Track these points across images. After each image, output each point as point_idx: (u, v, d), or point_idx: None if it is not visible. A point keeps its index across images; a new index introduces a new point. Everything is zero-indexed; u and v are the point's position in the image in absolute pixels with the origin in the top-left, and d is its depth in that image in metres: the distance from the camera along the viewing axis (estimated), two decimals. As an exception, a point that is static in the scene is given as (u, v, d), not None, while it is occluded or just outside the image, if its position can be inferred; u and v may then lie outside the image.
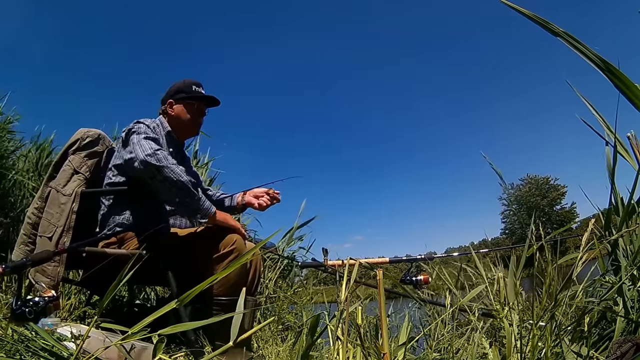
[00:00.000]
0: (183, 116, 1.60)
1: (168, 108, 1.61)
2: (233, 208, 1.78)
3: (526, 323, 0.92)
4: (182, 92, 1.60)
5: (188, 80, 1.62)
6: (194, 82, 1.62)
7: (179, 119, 1.60)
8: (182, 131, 1.64)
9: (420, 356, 1.17)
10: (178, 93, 1.60)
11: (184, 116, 1.60)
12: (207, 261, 1.34)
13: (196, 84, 1.62)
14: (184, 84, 1.61)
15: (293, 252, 3.43)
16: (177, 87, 1.61)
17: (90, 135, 1.56)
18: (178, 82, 1.63)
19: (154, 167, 1.26)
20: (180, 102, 1.60)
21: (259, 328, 1.59)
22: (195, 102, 1.61)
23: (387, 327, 0.71)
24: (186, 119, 1.60)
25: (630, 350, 0.74)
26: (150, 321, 0.69)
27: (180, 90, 1.60)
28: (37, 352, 0.82)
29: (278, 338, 1.83)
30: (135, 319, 0.72)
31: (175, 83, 1.64)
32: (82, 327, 1.21)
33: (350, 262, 0.84)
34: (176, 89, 1.61)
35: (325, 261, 2.00)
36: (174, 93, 1.60)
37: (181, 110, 1.59)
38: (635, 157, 1.07)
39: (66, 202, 1.42)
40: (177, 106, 1.60)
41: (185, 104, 1.60)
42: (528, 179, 31.95)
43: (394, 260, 2.04)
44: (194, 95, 1.60)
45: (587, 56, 0.82)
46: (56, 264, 1.38)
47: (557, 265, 0.89)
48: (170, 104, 1.60)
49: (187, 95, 1.59)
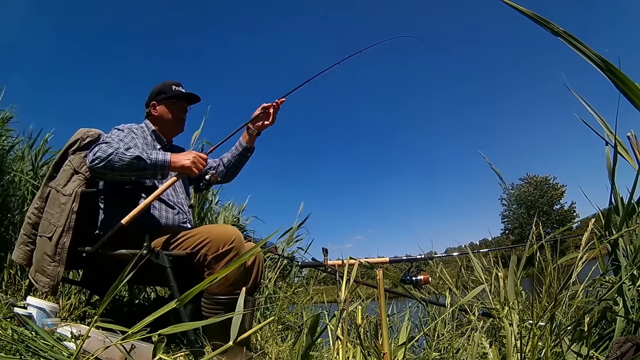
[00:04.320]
0: (166, 116, 1.68)
1: (152, 110, 1.69)
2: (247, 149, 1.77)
3: (526, 323, 0.92)
4: (163, 92, 1.68)
5: (168, 81, 1.70)
6: (173, 82, 1.70)
7: (162, 119, 1.68)
8: (167, 130, 1.72)
9: (420, 356, 1.17)
10: (159, 95, 1.68)
11: (166, 115, 1.68)
12: (205, 259, 1.34)
13: (175, 84, 1.70)
14: (164, 85, 1.69)
15: (292, 252, 3.44)
16: (158, 88, 1.69)
17: (90, 135, 1.56)
18: (159, 85, 1.71)
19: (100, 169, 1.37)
20: (162, 103, 1.68)
21: (258, 328, 1.59)
22: (176, 100, 1.69)
23: (387, 326, 0.71)
24: (169, 118, 1.68)
25: (630, 350, 0.74)
26: (150, 321, 0.69)
27: (161, 92, 1.68)
28: (37, 352, 0.82)
29: (278, 338, 1.83)
30: (135, 318, 0.72)
31: (156, 85, 1.72)
32: (82, 327, 1.21)
33: (350, 261, 0.84)
34: (157, 91, 1.69)
35: (325, 261, 2.00)
36: (155, 95, 1.69)
37: (163, 110, 1.68)
38: (635, 157, 1.07)
39: (66, 202, 1.42)
40: (160, 107, 1.68)
41: (167, 103, 1.68)
42: (528, 179, 31.96)
43: (394, 260, 2.04)
44: (174, 94, 1.68)
45: (587, 56, 0.82)
46: (56, 264, 1.38)
47: (557, 265, 0.89)
48: (153, 105, 1.69)
49: (168, 95, 1.67)
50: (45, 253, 1.39)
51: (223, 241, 1.34)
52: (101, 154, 1.36)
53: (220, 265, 1.32)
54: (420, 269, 1.98)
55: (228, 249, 1.33)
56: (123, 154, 1.36)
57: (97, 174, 1.41)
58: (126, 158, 1.36)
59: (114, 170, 1.36)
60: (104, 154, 1.36)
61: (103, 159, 1.35)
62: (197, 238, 1.37)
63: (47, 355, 0.81)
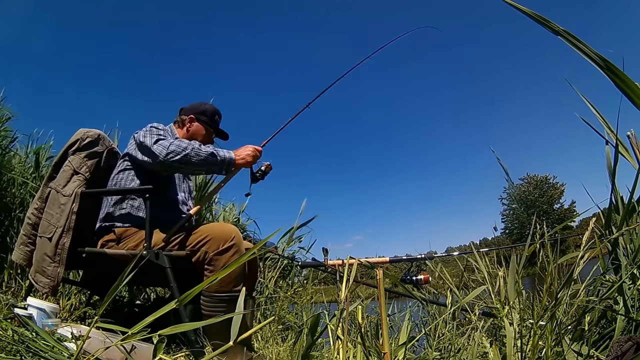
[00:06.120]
0: (197, 135, 1.74)
1: (187, 121, 1.74)
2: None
3: (527, 322, 0.92)
4: (205, 115, 1.76)
5: (213, 107, 1.79)
6: (217, 111, 1.80)
7: (192, 134, 1.74)
8: None
9: (420, 355, 1.17)
10: (202, 114, 1.75)
11: (197, 135, 1.74)
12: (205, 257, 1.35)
13: (218, 115, 1.80)
14: (209, 109, 1.77)
15: (293, 252, 3.44)
16: (204, 109, 1.77)
17: (90, 135, 1.56)
18: (205, 104, 1.79)
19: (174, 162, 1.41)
20: (200, 123, 1.75)
21: (258, 328, 1.59)
22: (212, 130, 1.78)
23: (387, 326, 0.71)
24: (196, 138, 1.72)
25: (630, 349, 0.74)
26: (150, 321, 0.69)
27: (204, 114, 1.76)
28: (37, 352, 0.82)
29: (278, 338, 1.83)
30: (136, 319, 0.72)
31: (203, 103, 1.80)
32: (83, 327, 1.21)
33: (350, 261, 0.84)
34: (202, 110, 1.76)
35: (325, 261, 2.00)
36: (199, 112, 1.75)
37: (198, 130, 1.74)
38: (635, 156, 1.07)
39: (66, 202, 1.42)
40: (197, 124, 1.74)
41: (204, 127, 1.75)
42: (528, 178, 31.97)
43: (394, 259, 2.04)
44: (213, 123, 1.78)
45: (587, 55, 0.82)
46: (56, 265, 1.38)
47: (557, 265, 0.89)
48: (191, 119, 1.74)
49: (208, 121, 1.76)
50: (45, 254, 1.39)
51: (223, 238, 1.35)
52: (175, 148, 1.40)
53: (222, 262, 1.33)
54: (420, 268, 1.99)
55: (229, 245, 1.35)
56: (199, 149, 1.43)
57: (169, 168, 1.44)
58: (202, 153, 1.43)
59: (189, 164, 1.42)
60: (179, 148, 1.41)
61: (178, 153, 1.40)
62: (197, 236, 1.38)
63: (47, 356, 0.81)
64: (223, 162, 1.49)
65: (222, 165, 1.49)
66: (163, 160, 1.40)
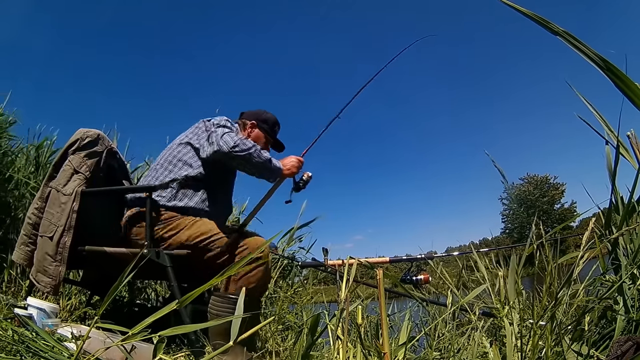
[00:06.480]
0: (256, 141, 1.76)
1: (249, 126, 1.79)
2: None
3: (527, 322, 0.92)
4: (267, 124, 1.81)
5: (274, 117, 1.85)
6: (277, 122, 1.86)
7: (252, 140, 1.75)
8: None
9: (420, 355, 1.17)
10: (265, 122, 1.81)
11: (257, 141, 1.76)
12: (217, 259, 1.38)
13: (278, 125, 1.87)
14: (271, 118, 1.83)
15: (293, 252, 3.44)
16: (266, 117, 1.82)
17: (90, 135, 1.56)
18: (267, 113, 1.85)
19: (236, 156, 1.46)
20: (261, 130, 1.80)
21: (258, 328, 1.59)
22: (271, 139, 1.84)
23: (387, 326, 0.71)
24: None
25: (630, 349, 0.74)
26: (150, 322, 0.69)
27: (266, 122, 1.82)
28: (37, 352, 0.82)
29: (278, 338, 1.83)
30: (136, 319, 0.72)
31: (265, 111, 1.86)
32: (83, 327, 1.21)
33: (350, 261, 0.84)
34: (265, 118, 1.82)
35: (325, 261, 2.00)
36: (262, 120, 1.81)
37: (258, 136, 1.79)
38: (635, 156, 1.07)
39: (67, 201, 1.42)
40: (257, 131, 1.80)
41: (264, 134, 1.81)
42: (528, 178, 31.95)
43: (394, 259, 2.04)
44: (272, 133, 1.84)
45: (587, 55, 0.82)
46: (57, 264, 1.38)
47: (557, 264, 0.89)
48: (253, 124, 1.80)
49: (269, 129, 1.82)
50: (47, 253, 1.39)
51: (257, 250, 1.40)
52: (242, 144, 1.46)
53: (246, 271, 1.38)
54: (420, 268, 1.99)
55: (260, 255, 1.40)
56: (261, 152, 1.50)
57: (230, 160, 1.48)
58: (263, 157, 1.50)
59: (248, 162, 1.48)
60: (245, 145, 1.47)
61: (244, 149, 1.46)
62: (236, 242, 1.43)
63: (47, 356, 0.81)
64: (275, 171, 1.55)
65: (273, 173, 1.56)
66: (227, 151, 1.45)
